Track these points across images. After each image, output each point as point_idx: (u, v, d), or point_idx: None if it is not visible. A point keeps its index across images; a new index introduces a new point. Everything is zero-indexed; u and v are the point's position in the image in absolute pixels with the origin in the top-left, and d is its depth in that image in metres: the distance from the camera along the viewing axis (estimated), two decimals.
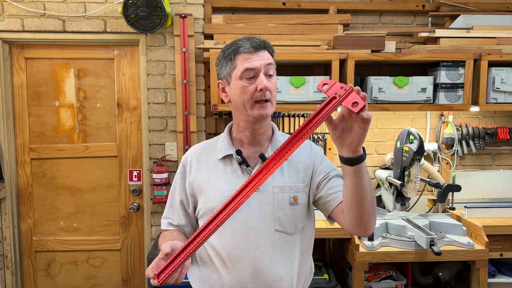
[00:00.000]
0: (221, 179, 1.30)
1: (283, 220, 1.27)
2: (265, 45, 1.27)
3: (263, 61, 1.24)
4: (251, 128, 1.30)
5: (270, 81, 1.26)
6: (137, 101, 2.73)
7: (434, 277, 2.65)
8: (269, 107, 1.25)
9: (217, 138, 1.41)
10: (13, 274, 2.75)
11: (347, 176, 1.11)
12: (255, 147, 1.33)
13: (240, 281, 1.25)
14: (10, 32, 2.59)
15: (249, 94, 1.23)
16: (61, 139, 2.76)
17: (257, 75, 1.23)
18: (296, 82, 2.46)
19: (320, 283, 2.42)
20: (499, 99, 2.53)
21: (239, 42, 1.26)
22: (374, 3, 2.85)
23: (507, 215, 2.56)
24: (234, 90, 1.27)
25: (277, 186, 1.28)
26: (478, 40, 2.59)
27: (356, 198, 1.12)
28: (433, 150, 2.84)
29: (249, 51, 1.24)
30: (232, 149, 1.32)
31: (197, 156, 1.38)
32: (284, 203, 1.27)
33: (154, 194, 2.61)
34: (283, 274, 1.26)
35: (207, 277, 1.31)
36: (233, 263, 1.25)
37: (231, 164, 1.32)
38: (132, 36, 2.62)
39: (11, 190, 2.71)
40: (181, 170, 1.39)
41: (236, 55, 1.25)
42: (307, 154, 1.35)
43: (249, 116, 1.26)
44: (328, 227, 2.44)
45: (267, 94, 1.24)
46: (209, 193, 1.30)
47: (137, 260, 2.85)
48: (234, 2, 2.78)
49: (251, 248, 1.25)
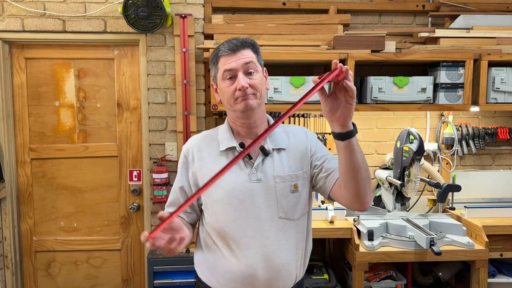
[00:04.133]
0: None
1: (286, 207, 1.34)
2: (245, 44, 1.33)
3: (240, 61, 1.30)
4: (244, 122, 1.36)
5: (252, 78, 1.30)
6: (137, 101, 2.73)
7: (434, 277, 2.65)
8: (253, 98, 1.30)
9: (216, 129, 1.46)
10: (13, 274, 2.75)
11: (340, 151, 1.18)
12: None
13: (250, 267, 1.31)
14: (10, 32, 2.59)
15: (230, 93, 1.30)
16: (61, 139, 2.76)
17: (235, 75, 1.30)
18: (296, 82, 2.46)
19: (320, 283, 2.42)
20: (499, 99, 2.53)
21: (220, 46, 1.34)
22: (374, 3, 2.85)
23: (507, 215, 2.56)
24: (220, 91, 1.36)
25: (278, 176, 1.34)
26: (478, 40, 2.59)
27: (350, 172, 1.19)
28: (433, 150, 2.84)
29: (227, 53, 1.31)
30: (234, 141, 1.37)
31: (198, 146, 1.42)
32: (286, 191, 1.34)
33: (154, 194, 2.61)
34: (289, 258, 1.35)
35: (216, 266, 1.36)
36: (242, 251, 1.32)
37: (234, 156, 1.35)
38: (132, 36, 2.62)
39: (11, 190, 2.71)
40: (183, 161, 1.43)
41: (218, 58, 1.34)
42: (303, 141, 1.41)
43: (236, 111, 1.33)
44: (328, 227, 2.44)
45: (249, 91, 1.29)
46: (213, 185, 1.33)
47: (137, 260, 2.85)
48: (234, 2, 2.78)
49: (258, 235, 1.32)
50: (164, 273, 2.31)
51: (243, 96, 1.29)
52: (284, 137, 1.40)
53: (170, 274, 2.31)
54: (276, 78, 2.47)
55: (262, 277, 1.32)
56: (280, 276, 1.33)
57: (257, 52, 1.36)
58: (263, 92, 1.34)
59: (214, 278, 1.37)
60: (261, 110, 1.37)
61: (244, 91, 1.28)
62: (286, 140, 1.39)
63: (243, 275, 1.31)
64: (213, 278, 1.37)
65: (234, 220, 1.32)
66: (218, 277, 1.36)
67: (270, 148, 1.36)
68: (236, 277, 1.32)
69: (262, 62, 1.38)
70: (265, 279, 1.32)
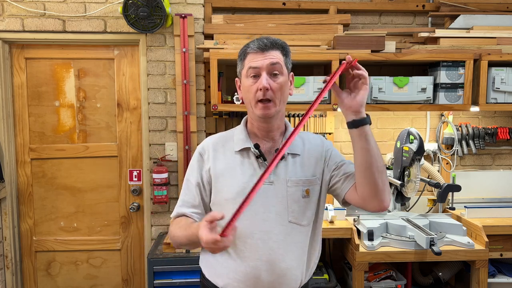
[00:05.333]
0: (238, 171, 1.35)
1: (297, 212, 1.34)
2: (275, 45, 1.32)
3: (266, 60, 1.28)
4: (261, 125, 1.36)
5: (275, 80, 1.29)
6: (137, 101, 2.73)
7: (434, 277, 2.65)
8: (272, 107, 1.29)
9: (233, 130, 1.46)
10: (13, 274, 2.75)
11: (355, 140, 1.23)
12: (270, 142, 1.39)
13: (255, 268, 1.31)
14: (10, 32, 2.59)
15: (252, 92, 1.30)
16: (61, 139, 2.76)
17: (259, 75, 1.28)
18: (296, 82, 2.46)
19: (320, 283, 2.42)
20: (499, 99, 2.53)
21: (249, 43, 1.33)
22: (374, 3, 2.85)
23: (507, 215, 2.56)
24: (243, 88, 1.35)
25: (290, 180, 1.34)
26: (478, 40, 2.59)
27: (366, 162, 1.22)
28: (433, 150, 2.84)
29: (256, 51, 1.30)
30: (249, 142, 1.37)
31: (214, 146, 1.42)
32: (298, 196, 1.34)
33: (154, 194, 2.61)
34: (295, 263, 1.34)
35: (221, 265, 1.36)
36: (249, 251, 1.31)
37: (248, 157, 1.36)
38: (132, 36, 2.62)
39: (11, 190, 2.71)
40: (198, 158, 1.42)
41: (245, 55, 1.33)
42: (318, 147, 1.41)
43: (254, 114, 1.33)
44: (328, 227, 2.44)
45: (269, 94, 1.28)
46: (226, 184, 1.35)
47: (137, 260, 2.85)
48: (234, 2, 2.78)
49: (266, 238, 1.31)
50: (164, 273, 2.31)
51: (263, 103, 1.28)
52: (299, 143, 1.40)
53: (170, 274, 2.31)
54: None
55: (266, 280, 1.31)
56: (284, 281, 1.32)
57: (286, 54, 1.35)
58: (285, 97, 1.33)
59: (217, 276, 1.37)
60: (280, 116, 1.36)
61: (264, 93, 1.27)
62: (302, 146, 1.39)
63: (246, 276, 1.31)
64: (216, 276, 1.37)
65: (243, 220, 1.26)
66: (222, 275, 1.35)
67: (286, 152, 1.35)
68: (239, 277, 1.32)
69: (290, 65, 1.37)
70: (268, 281, 1.31)
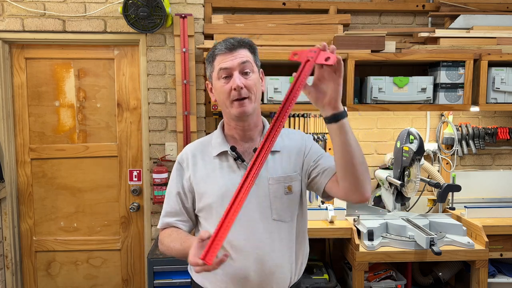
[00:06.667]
0: (218, 175, 1.35)
1: (280, 209, 1.33)
2: (242, 44, 1.31)
3: (236, 60, 1.28)
4: (239, 125, 1.35)
5: (247, 78, 1.29)
6: (137, 101, 2.73)
7: (434, 277, 2.65)
8: (248, 104, 1.29)
9: (211, 135, 1.46)
10: (13, 274, 2.75)
11: (334, 135, 1.17)
12: (248, 142, 1.38)
13: (243, 269, 1.31)
14: (10, 32, 2.59)
15: (226, 93, 1.29)
16: (61, 139, 2.76)
17: (231, 75, 1.28)
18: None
19: (320, 283, 2.42)
20: (499, 99, 2.53)
21: (216, 45, 1.33)
22: (374, 3, 2.85)
23: (507, 215, 2.56)
24: (216, 90, 1.34)
25: (272, 178, 1.33)
26: (478, 40, 2.59)
27: (346, 156, 1.17)
28: (433, 150, 2.84)
29: (224, 52, 1.29)
30: (226, 145, 1.37)
31: (193, 153, 1.42)
32: (280, 193, 1.33)
33: (154, 194, 2.61)
34: (283, 260, 1.34)
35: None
36: (236, 253, 1.31)
37: (227, 160, 1.36)
38: (132, 36, 2.62)
39: (11, 190, 2.71)
40: (177, 167, 1.43)
41: (214, 57, 1.32)
42: (297, 142, 1.41)
43: (231, 114, 1.32)
44: (328, 227, 2.44)
45: (243, 92, 1.28)
46: (207, 189, 1.35)
47: (137, 260, 2.85)
48: (234, 2, 2.78)
49: (252, 238, 1.31)
50: (164, 273, 2.31)
51: (239, 101, 1.28)
52: (279, 139, 1.38)
53: (170, 274, 2.31)
54: (276, 78, 2.47)
55: (255, 280, 1.31)
56: (273, 279, 1.32)
57: (254, 52, 1.34)
58: (258, 94, 1.33)
59: (206, 279, 1.36)
60: (256, 113, 1.36)
61: (239, 92, 1.26)
62: (281, 143, 1.38)
63: (236, 277, 1.31)
64: (205, 279, 1.37)
65: None
66: (210, 278, 1.34)
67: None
68: (228, 278, 1.32)
69: (259, 63, 1.36)
70: (257, 281, 1.31)
